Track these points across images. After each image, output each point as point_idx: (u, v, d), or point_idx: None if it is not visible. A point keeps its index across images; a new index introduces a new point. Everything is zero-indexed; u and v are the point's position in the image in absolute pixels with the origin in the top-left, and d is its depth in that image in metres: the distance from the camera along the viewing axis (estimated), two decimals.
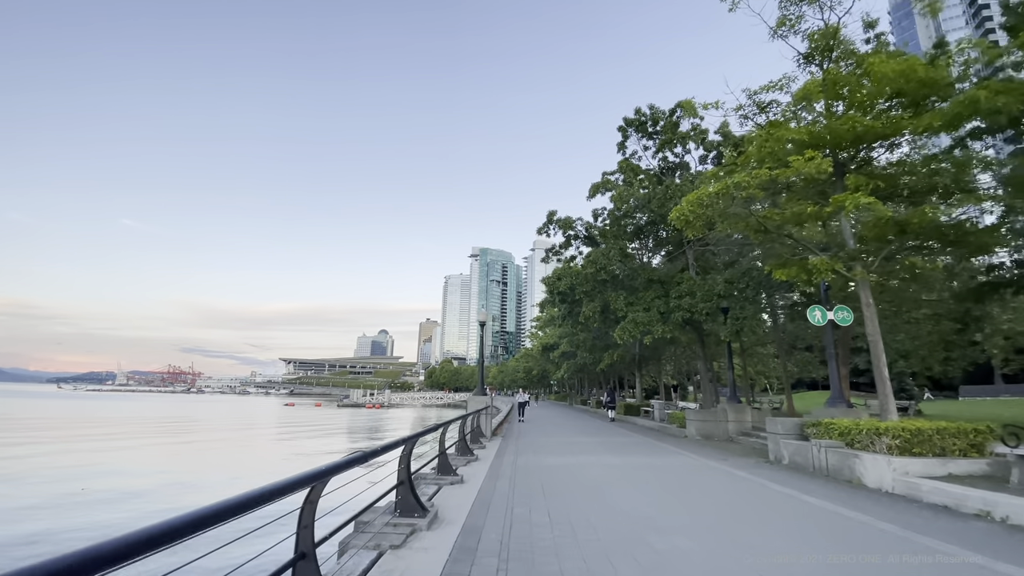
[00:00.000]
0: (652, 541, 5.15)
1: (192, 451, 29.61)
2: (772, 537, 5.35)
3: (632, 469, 10.11)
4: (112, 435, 36.19)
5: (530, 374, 75.12)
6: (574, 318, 19.84)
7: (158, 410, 75.65)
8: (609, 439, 16.37)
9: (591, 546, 5.00)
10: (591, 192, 18.53)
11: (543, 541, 5.18)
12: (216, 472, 20.88)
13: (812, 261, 9.72)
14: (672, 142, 18.02)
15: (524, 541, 5.18)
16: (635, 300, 16.64)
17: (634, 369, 44.22)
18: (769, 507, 6.89)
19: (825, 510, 6.65)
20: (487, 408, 15.85)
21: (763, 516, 6.36)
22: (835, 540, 5.27)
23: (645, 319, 15.52)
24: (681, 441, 15.82)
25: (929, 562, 4.59)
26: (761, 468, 10.29)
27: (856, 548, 4.97)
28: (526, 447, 13.95)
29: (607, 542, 5.14)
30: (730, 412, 16.35)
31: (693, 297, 15.11)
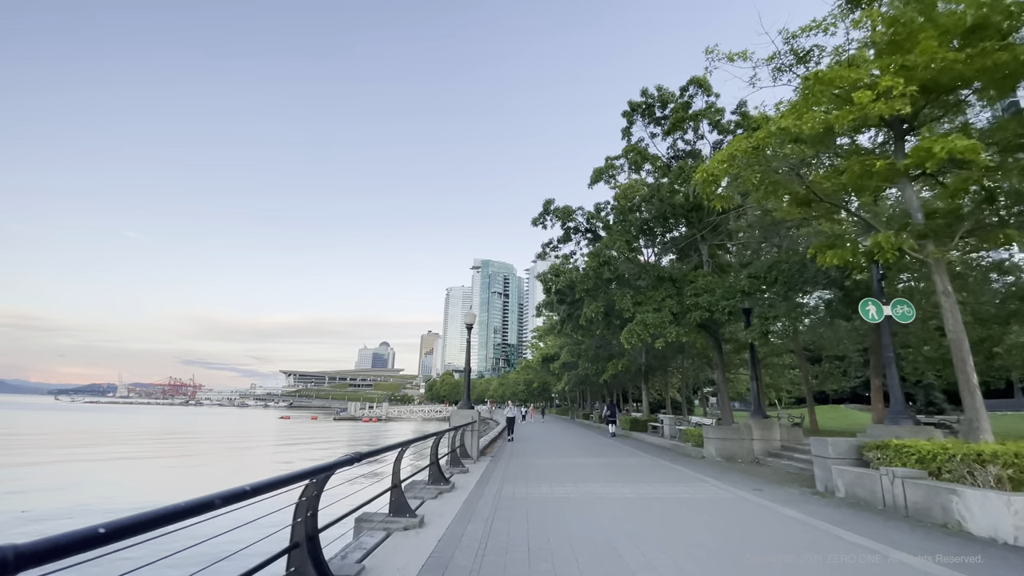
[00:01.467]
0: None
1: (163, 465, 27.38)
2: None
3: (648, 505, 7.89)
4: (91, 449, 34.11)
5: (530, 387, 72.55)
6: (574, 321, 17.70)
7: (150, 423, 73.61)
8: (615, 461, 14.09)
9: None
10: (593, 178, 16.50)
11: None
12: (174, 489, 18.64)
13: (876, 239, 7.60)
14: (683, 123, 16.02)
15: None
16: (644, 300, 14.51)
17: (639, 381, 41.87)
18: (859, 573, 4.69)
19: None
20: (472, 424, 13.64)
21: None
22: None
23: (656, 320, 13.37)
24: (698, 463, 13.53)
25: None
26: (811, 503, 8.05)
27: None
28: (516, 471, 11.72)
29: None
30: (755, 429, 14.08)
31: (712, 295, 12.98)
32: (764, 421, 14.25)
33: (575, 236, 17.51)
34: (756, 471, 12.06)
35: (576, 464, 13.14)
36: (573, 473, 11.46)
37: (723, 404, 15.70)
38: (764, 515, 7.17)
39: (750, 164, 7.83)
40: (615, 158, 16.51)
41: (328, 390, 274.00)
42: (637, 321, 13.52)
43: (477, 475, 11.09)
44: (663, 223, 17.51)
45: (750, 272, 12.92)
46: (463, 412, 13.89)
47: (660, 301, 14.40)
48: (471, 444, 13.59)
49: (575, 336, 24.16)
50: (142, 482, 21.85)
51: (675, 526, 6.53)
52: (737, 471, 12.06)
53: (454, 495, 8.62)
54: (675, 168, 15.29)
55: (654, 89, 17.44)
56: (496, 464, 13.08)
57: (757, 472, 11.89)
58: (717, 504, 7.99)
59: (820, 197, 8.16)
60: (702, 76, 16.06)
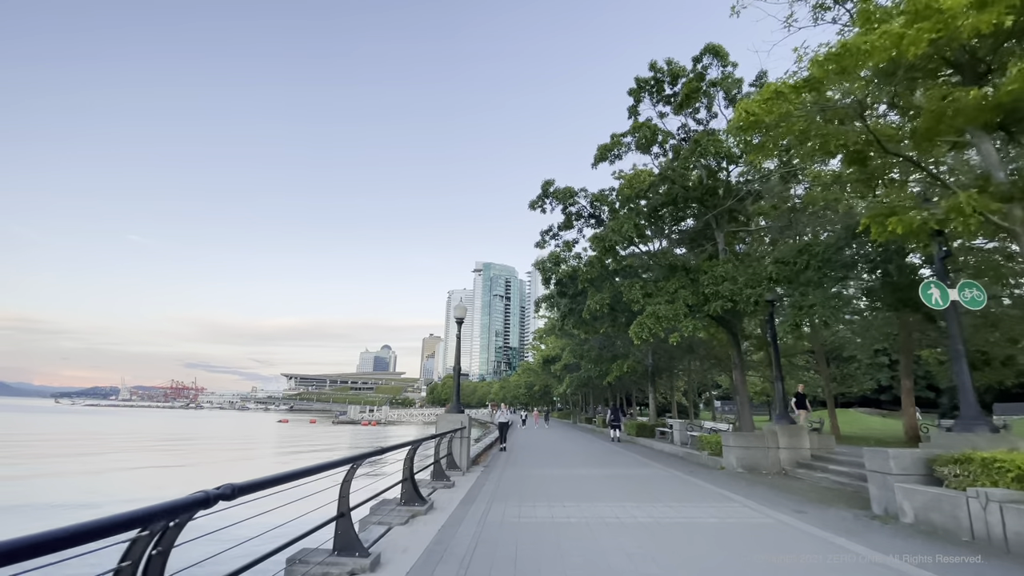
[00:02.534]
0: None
1: (134, 469, 25.83)
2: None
3: (669, 534, 6.30)
4: (70, 452, 32.67)
5: (531, 390, 70.83)
6: (576, 316, 16.12)
7: (145, 427, 72.20)
8: (624, 472, 12.48)
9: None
10: (598, 156, 14.92)
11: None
12: (122, 494, 17.07)
13: (955, 201, 6.02)
14: (696, 96, 14.43)
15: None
16: (654, 291, 12.94)
17: (645, 384, 40.19)
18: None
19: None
20: (462, 430, 12.06)
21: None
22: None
23: (669, 312, 11.78)
24: (718, 476, 11.91)
25: None
26: (873, 531, 6.45)
27: None
28: (510, 486, 10.13)
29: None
30: (781, 436, 12.45)
31: (734, 283, 11.38)
32: (791, 427, 12.62)
33: (577, 222, 15.88)
34: (787, 485, 10.42)
35: (579, 476, 11.54)
36: (575, 488, 9.85)
37: (742, 408, 14.10)
38: (820, 550, 5.56)
39: (799, 101, 6.24)
40: (622, 135, 14.91)
41: (329, 393, 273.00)
42: (648, 313, 11.93)
43: (463, 490, 9.50)
44: (674, 208, 15.92)
45: (777, 257, 11.37)
46: (451, 416, 12.31)
47: (673, 292, 12.82)
48: (460, 453, 12.01)
49: (577, 334, 22.56)
50: (109, 488, 20.30)
51: (708, 568, 4.93)
52: (764, 485, 10.44)
53: (429, 520, 7.04)
54: (690, 143, 13.70)
55: (663, 63, 15.89)
56: (488, 476, 11.48)
57: (789, 487, 10.26)
58: (754, 533, 6.38)
59: (884, 147, 6.56)
60: (716, 44, 14.53)
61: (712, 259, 15.11)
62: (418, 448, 7.92)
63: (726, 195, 15.45)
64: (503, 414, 17.66)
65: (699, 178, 15.65)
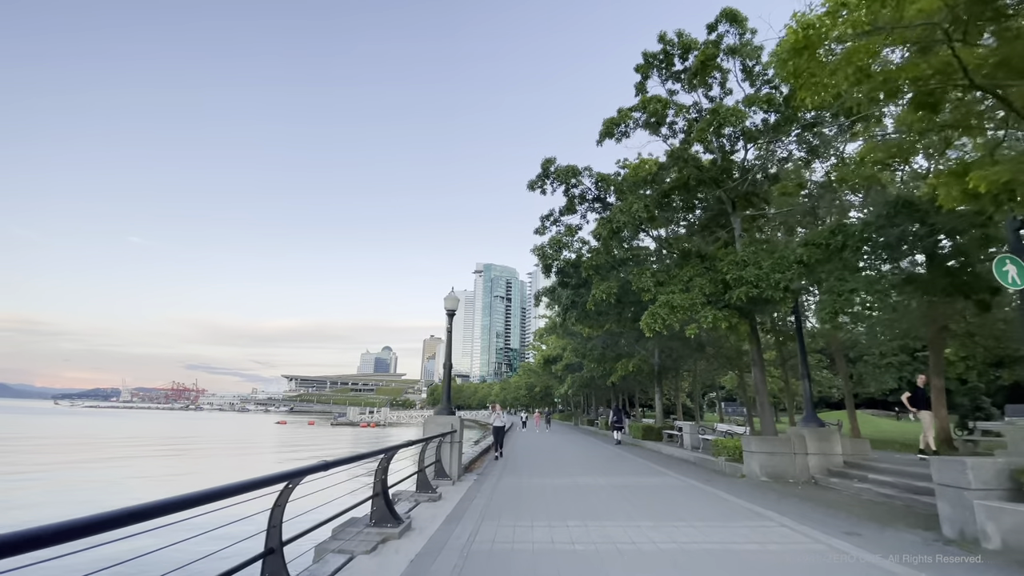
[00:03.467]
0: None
1: (105, 474, 24.52)
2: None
3: (700, 566, 4.99)
4: (45, 456, 31.40)
5: (532, 391, 69.52)
6: (579, 309, 14.80)
7: (140, 428, 71.08)
8: (633, 481, 11.17)
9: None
10: (604, 131, 13.55)
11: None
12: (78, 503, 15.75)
13: None
14: (711, 65, 13.09)
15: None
16: (667, 278, 11.64)
17: (649, 384, 38.82)
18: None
19: None
20: (452, 434, 10.77)
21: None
22: None
23: (685, 302, 10.47)
24: (741, 486, 10.59)
25: None
26: (957, 566, 5.13)
27: None
28: (504, 499, 8.82)
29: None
30: (810, 440, 11.13)
31: (759, 268, 10.06)
32: (821, 431, 11.30)
33: (580, 206, 14.51)
34: (823, 498, 9.10)
35: (583, 486, 10.23)
36: (580, 501, 8.55)
37: (762, 409, 12.79)
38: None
39: (865, 23, 4.94)
40: (630, 109, 13.58)
41: (330, 395, 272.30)
42: (661, 303, 10.62)
43: (451, 504, 8.21)
44: (685, 194, 14.61)
45: (807, 239, 10.08)
46: (440, 419, 11.02)
47: (687, 280, 11.52)
48: (450, 460, 10.71)
49: (580, 330, 21.25)
50: (64, 496, 19.01)
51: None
52: (796, 497, 9.12)
53: (403, 546, 5.75)
54: (707, 113, 12.38)
55: (674, 34, 14.60)
56: (481, 486, 10.18)
57: (826, 500, 8.93)
58: (806, 565, 5.08)
59: (972, 79, 5.25)
60: (734, 8, 13.27)
61: (728, 247, 13.81)
62: (393, 457, 6.63)
63: (742, 177, 14.17)
64: (499, 417, 15.33)
65: (713, 160, 14.37)
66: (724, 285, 10.91)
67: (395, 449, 6.65)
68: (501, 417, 15.32)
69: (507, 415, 15.78)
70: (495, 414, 15.58)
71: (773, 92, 12.60)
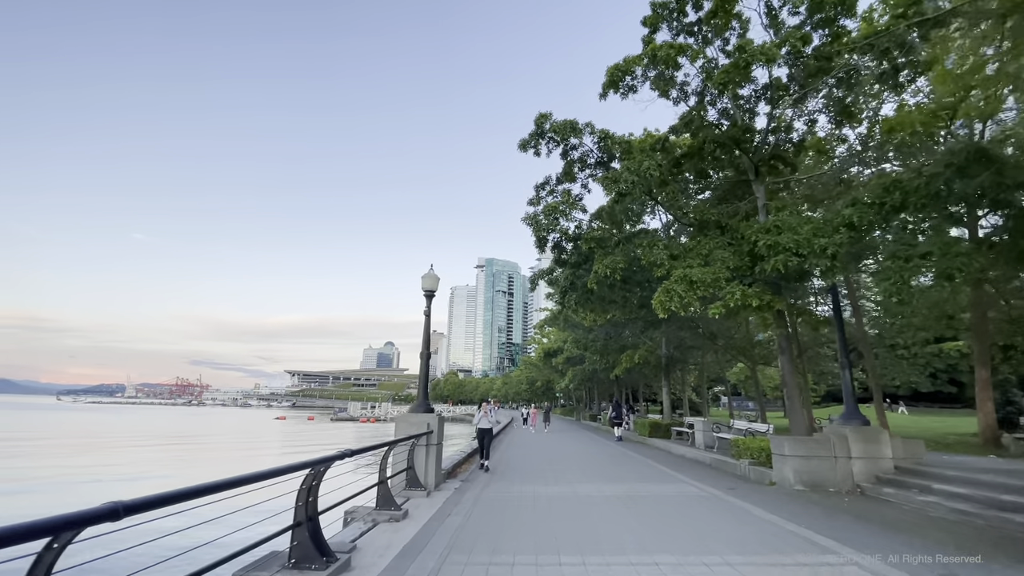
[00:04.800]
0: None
1: (83, 469, 23.04)
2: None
3: None
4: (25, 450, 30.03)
5: (533, 385, 67.96)
6: (579, 291, 12.99)
7: (137, 423, 70.14)
8: (644, 490, 9.44)
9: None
10: (608, 83, 11.47)
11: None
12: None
13: None
14: (728, 10, 11.21)
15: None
16: (682, 252, 9.88)
17: (654, 378, 37.08)
18: None
19: None
20: (428, 435, 9.05)
21: None
22: None
23: (706, 276, 8.70)
24: (773, 496, 8.86)
25: None
26: None
27: None
28: (486, 517, 7.11)
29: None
30: (854, 442, 9.37)
31: (796, 232, 8.26)
32: (867, 430, 9.54)
33: (581, 173, 12.58)
34: (882, 516, 7.34)
35: (584, 498, 8.51)
36: (578, 520, 6.83)
37: (792, 404, 11.04)
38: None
39: None
40: (637, 57, 11.64)
41: (332, 390, 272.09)
42: (678, 277, 8.84)
43: (416, 527, 6.51)
44: (699, 161, 12.77)
45: (856, 198, 8.29)
46: (413, 418, 9.31)
47: (707, 254, 9.74)
48: (425, 466, 8.99)
49: (581, 320, 19.48)
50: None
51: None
52: (848, 515, 7.37)
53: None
54: (732, 53, 10.57)
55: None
56: (461, 498, 8.48)
57: (887, 519, 7.17)
58: None
59: None
60: None
61: (749, 219, 11.98)
62: (324, 473, 4.88)
63: (766, 138, 12.35)
64: (486, 418, 11.88)
65: (733, 120, 12.54)
66: (752, 258, 9.13)
67: (327, 462, 4.89)
68: (489, 418, 11.93)
69: (493, 412, 11.31)
70: (480, 413, 12.11)
71: (809, 31, 10.73)
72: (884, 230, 7.74)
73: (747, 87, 13.37)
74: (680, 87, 13.75)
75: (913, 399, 47.80)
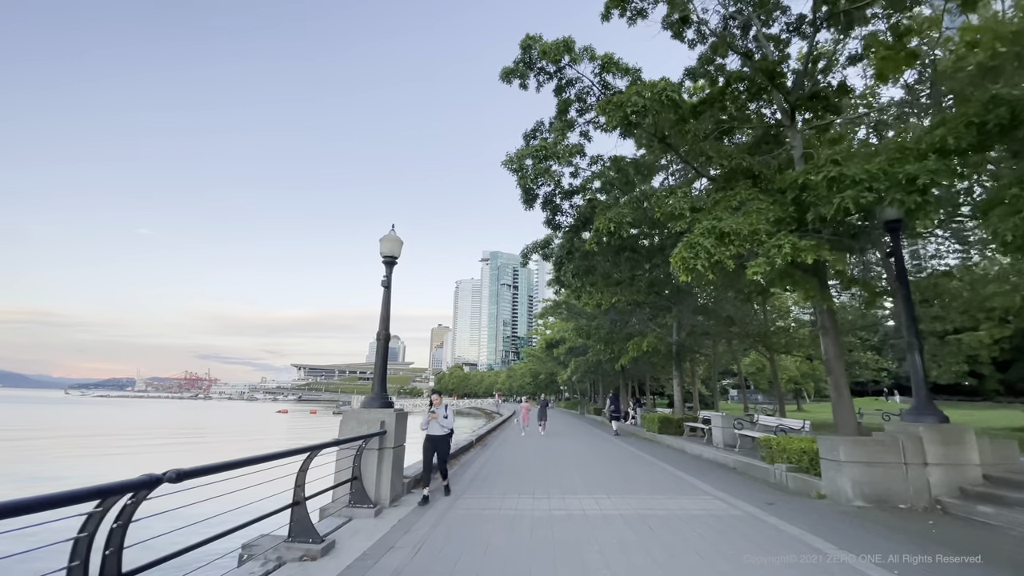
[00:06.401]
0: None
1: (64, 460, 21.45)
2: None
3: None
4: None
5: (537, 378, 66.05)
6: (578, 259, 10.86)
7: (137, 417, 69.28)
8: (659, 507, 7.41)
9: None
10: (610, 2, 9.44)
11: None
12: None
13: None
14: None
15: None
16: (707, 204, 7.79)
17: (661, 370, 34.96)
18: None
19: None
20: (380, 436, 7.06)
21: None
22: None
23: (743, 226, 6.58)
24: (824, 513, 6.81)
25: None
26: None
27: None
28: (442, 553, 5.09)
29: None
30: (930, 443, 7.29)
31: (867, 162, 6.08)
32: (946, 428, 7.44)
33: (580, 118, 10.27)
34: (995, 548, 5.25)
35: (579, 518, 6.49)
36: (571, 560, 4.80)
37: (839, 396, 8.96)
38: None
39: None
40: None
41: (338, 383, 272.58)
42: (703, 229, 6.75)
43: (334, 569, 4.52)
44: (720, 105, 10.57)
45: (944, 117, 6.18)
46: (364, 414, 7.33)
47: (736, 207, 7.63)
48: (376, 476, 7.01)
49: (583, 303, 17.44)
50: None
51: None
52: (950, 548, 5.29)
53: None
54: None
55: None
56: (417, 520, 6.49)
57: (1002, 551, 5.09)
58: None
59: None
60: None
61: (783, 172, 9.79)
62: (130, 516, 2.87)
63: (803, 77, 10.14)
64: (436, 422, 7.73)
65: (765, 56, 10.34)
66: (799, 207, 6.99)
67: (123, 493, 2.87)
68: (442, 420, 7.75)
69: (445, 414, 6.70)
70: (429, 418, 7.75)
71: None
72: (984, 159, 5.66)
73: (777, 20, 11.19)
74: (696, 27, 11.54)
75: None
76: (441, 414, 7.86)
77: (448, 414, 7.92)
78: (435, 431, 7.85)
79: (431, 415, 7.81)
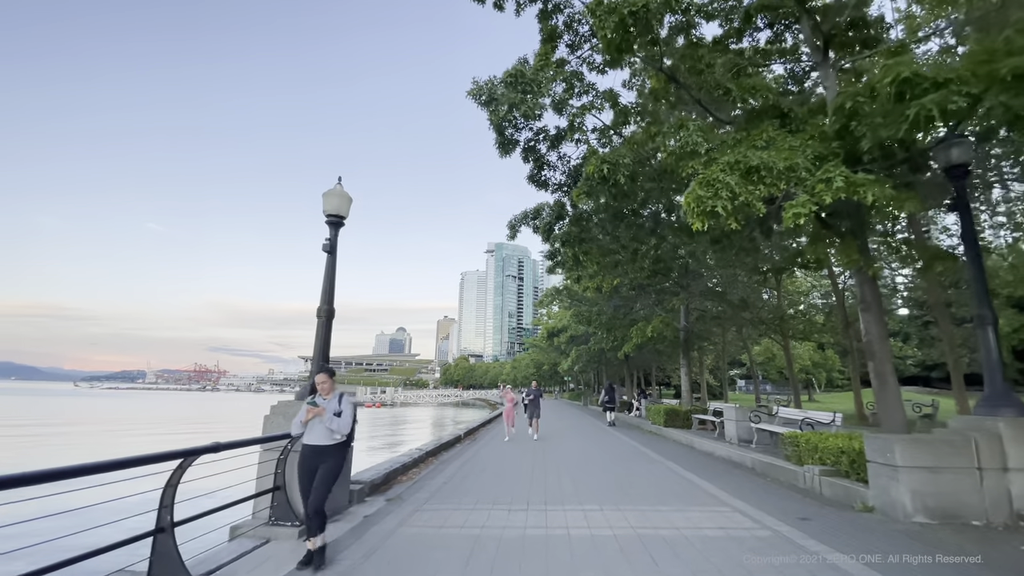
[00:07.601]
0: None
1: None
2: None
3: None
4: None
5: (540, 368, 64.71)
6: (568, 222, 9.24)
7: (137, 408, 69.11)
8: (667, 525, 5.92)
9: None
10: None
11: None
12: None
13: None
14: None
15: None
16: (729, 141, 6.19)
17: (670, 356, 33.37)
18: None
19: None
20: (345, 445, 5.58)
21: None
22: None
23: (777, 160, 4.99)
24: (880, 535, 5.31)
25: None
26: None
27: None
28: None
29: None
30: (1011, 444, 5.72)
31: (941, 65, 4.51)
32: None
33: (573, 57, 8.57)
34: None
35: (561, 543, 5.01)
36: None
37: (883, 385, 7.40)
38: None
39: None
40: None
41: (345, 375, 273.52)
42: (725, 164, 5.15)
43: None
44: (737, 38, 8.88)
45: None
46: (295, 407, 5.88)
47: (762, 145, 6.02)
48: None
49: (582, 288, 15.90)
50: None
51: None
52: None
53: None
54: None
55: None
56: (350, 543, 5.04)
57: None
58: None
59: None
60: None
61: (814, 114, 8.10)
62: None
63: (836, 6, 8.43)
64: (318, 422, 4.59)
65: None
66: (843, 142, 5.36)
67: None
68: (331, 417, 4.57)
69: (333, 415, 3.83)
70: (303, 416, 4.62)
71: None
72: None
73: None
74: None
75: (905, 381, 43.07)
76: (331, 409, 4.61)
77: (344, 409, 4.63)
78: (316, 438, 4.58)
79: (311, 409, 4.58)
